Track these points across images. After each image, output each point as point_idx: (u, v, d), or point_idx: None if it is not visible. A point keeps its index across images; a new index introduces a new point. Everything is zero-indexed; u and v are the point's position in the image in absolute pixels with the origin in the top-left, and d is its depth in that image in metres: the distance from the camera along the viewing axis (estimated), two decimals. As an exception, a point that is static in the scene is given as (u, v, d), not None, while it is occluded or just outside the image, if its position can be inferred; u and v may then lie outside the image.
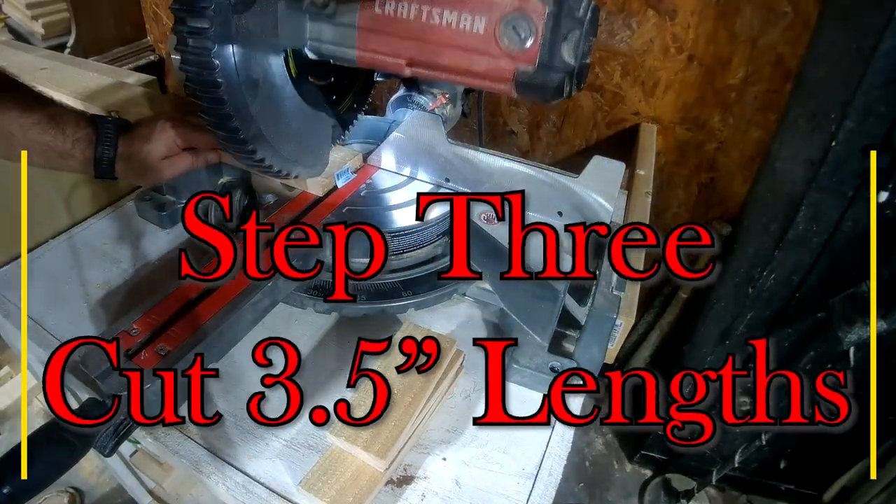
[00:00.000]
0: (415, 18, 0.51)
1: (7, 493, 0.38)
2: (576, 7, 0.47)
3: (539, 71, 0.49)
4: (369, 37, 0.53)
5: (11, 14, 1.58)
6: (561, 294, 0.59)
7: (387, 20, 0.52)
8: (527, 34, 0.48)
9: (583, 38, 0.48)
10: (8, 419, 1.46)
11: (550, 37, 0.48)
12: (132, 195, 0.85)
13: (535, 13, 0.47)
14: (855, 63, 0.79)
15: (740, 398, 1.20)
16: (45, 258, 0.74)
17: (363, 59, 0.55)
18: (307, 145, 0.61)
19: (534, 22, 0.47)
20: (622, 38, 1.12)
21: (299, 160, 0.60)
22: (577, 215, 0.68)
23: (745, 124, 1.12)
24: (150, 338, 0.49)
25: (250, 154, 0.55)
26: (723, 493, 1.47)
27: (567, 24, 0.47)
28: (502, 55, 0.50)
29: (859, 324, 0.81)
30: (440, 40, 0.51)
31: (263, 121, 0.54)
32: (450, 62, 0.51)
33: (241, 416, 0.56)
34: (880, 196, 0.82)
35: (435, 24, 0.50)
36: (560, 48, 0.48)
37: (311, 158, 0.62)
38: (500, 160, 0.70)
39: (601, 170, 0.66)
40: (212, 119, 0.51)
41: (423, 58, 0.52)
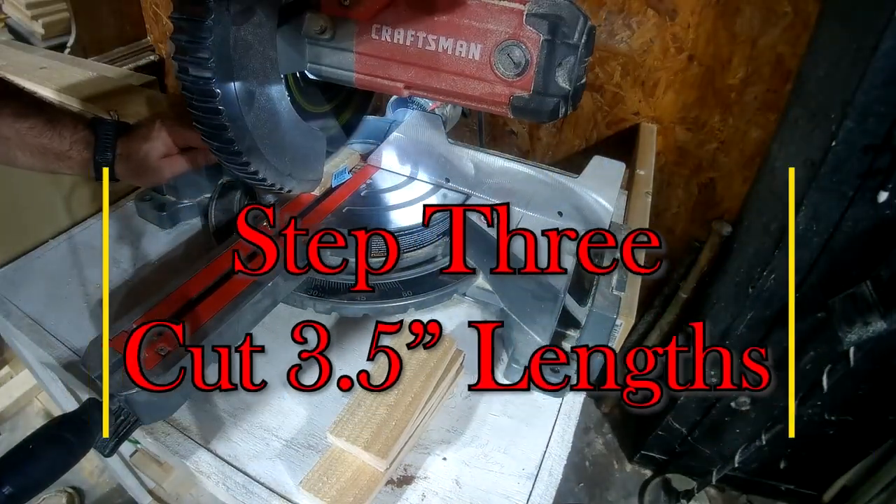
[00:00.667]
0: (411, 44, 0.51)
1: (7, 494, 0.38)
2: (570, 34, 0.47)
3: (534, 96, 0.50)
4: (367, 61, 0.54)
5: (11, 14, 1.58)
6: (561, 294, 0.59)
7: (384, 46, 0.52)
8: (521, 61, 0.49)
9: (577, 63, 0.48)
10: (8, 419, 1.46)
11: (545, 64, 0.48)
12: (132, 195, 0.85)
13: (529, 41, 0.48)
14: (855, 63, 0.79)
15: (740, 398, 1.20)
16: (45, 258, 0.74)
17: (362, 81, 0.56)
18: (301, 159, 0.61)
19: (528, 50, 0.48)
20: (622, 38, 1.12)
21: (293, 174, 0.60)
22: (577, 215, 0.69)
23: (745, 124, 1.12)
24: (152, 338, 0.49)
25: (244, 166, 0.55)
26: (723, 493, 1.47)
27: (562, 52, 0.48)
28: (498, 81, 0.50)
29: (859, 324, 0.81)
30: (437, 66, 0.52)
31: (258, 133, 0.54)
32: (447, 86, 0.52)
33: (241, 416, 0.56)
34: (880, 196, 0.82)
35: (431, 50, 0.51)
36: (555, 74, 0.49)
37: (304, 172, 0.62)
38: (500, 160, 0.70)
39: (601, 170, 0.67)
40: (206, 129, 0.51)
41: (420, 82, 0.53)
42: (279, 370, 0.60)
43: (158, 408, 0.48)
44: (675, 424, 1.35)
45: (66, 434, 0.42)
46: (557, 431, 0.58)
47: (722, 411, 1.25)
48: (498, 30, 0.48)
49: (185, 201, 0.79)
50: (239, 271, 0.53)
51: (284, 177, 0.59)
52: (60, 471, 0.42)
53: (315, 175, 0.64)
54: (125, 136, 0.64)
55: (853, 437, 1.21)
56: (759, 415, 1.23)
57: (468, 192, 0.74)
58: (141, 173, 0.65)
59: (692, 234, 1.32)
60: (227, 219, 0.74)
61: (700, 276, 1.29)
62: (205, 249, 0.75)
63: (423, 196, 0.74)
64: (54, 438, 0.42)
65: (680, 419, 1.33)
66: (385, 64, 0.53)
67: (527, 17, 0.47)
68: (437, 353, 0.56)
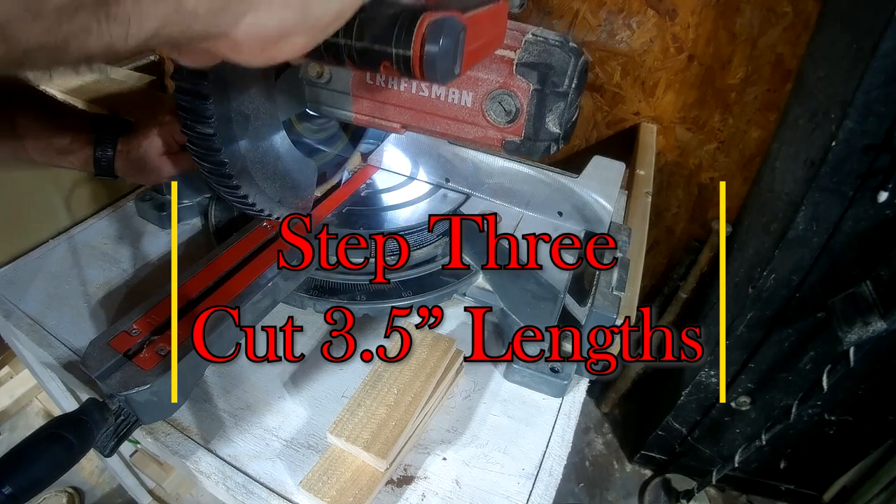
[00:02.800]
0: (405, 90, 0.52)
1: (7, 494, 0.38)
2: (559, 83, 0.47)
3: (525, 141, 0.51)
4: (364, 103, 0.55)
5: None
6: (561, 294, 0.60)
7: (379, 90, 0.53)
8: (512, 110, 0.49)
9: (567, 107, 0.49)
10: (8, 419, 1.46)
11: (535, 112, 0.49)
12: (132, 195, 0.85)
13: (519, 90, 0.48)
14: (855, 63, 0.79)
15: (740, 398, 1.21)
16: (45, 258, 0.74)
17: (360, 120, 0.56)
18: (292, 187, 0.62)
19: (518, 98, 0.49)
20: (622, 38, 1.12)
21: (283, 201, 0.61)
22: (577, 215, 0.69)
23: (745, 124, 1.12)
24: (150, 338, 0.50)
25: (234, 189, 0.55)
26: (723, 493, 1.47)
27: (552, 100, 0.48)
28: (490, 127, 0.51)
29: (859, 324, 0.81)
30: (431, 110, 0.52)
31: (251, 157, 0.55)
32: (441, 129, 0.53)
33: (240, 416, 0.56)
34: (880, 196, 0.82)
35: (425, 96, 0.52)
36: (545, 121, 0.49)
37: (294, 200, 0.63)
38: (500, 160, 0.70)
39: (601, 170, 0.67)
40: (199, 150, 0.51)
41: (416, 124, 0.54)
42: (277, 372, 0.61)
43: (158, 408, 0.48)
44: (675, 424, 1.35)
45: (66, 434, 0.42)
46: (557, 431, 0.58)
47: (722, 411, 1.25)
48: (489, 78, 0.49)
49: (185, 201, 0.79)
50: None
51: (273, 203, 0.60)
52: (60, 471, 0.42)
53: (304, 203, 0.66)
54: (126, 133, 0.64)
55: (853, 437, 1.21)
56: (759, 415, 1.23)
57: (468, 193, 0.74)
58: (140, 170, 0.66)
59: (692, 234, 1.32)
60: (227, 219, 0.74)
61: (700, 276, 1.29)
62: (205, 249, 0.75)
63: (423, 196, 0.75)
64: (54, 438, 0.42)
65: (680, 419, 1.34)
66: (381, 107, 0.54)
67: (516, 67, 0.47)
68: (437, 353, 0.56)
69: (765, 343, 1.09)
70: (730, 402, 1.21)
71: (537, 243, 0.64)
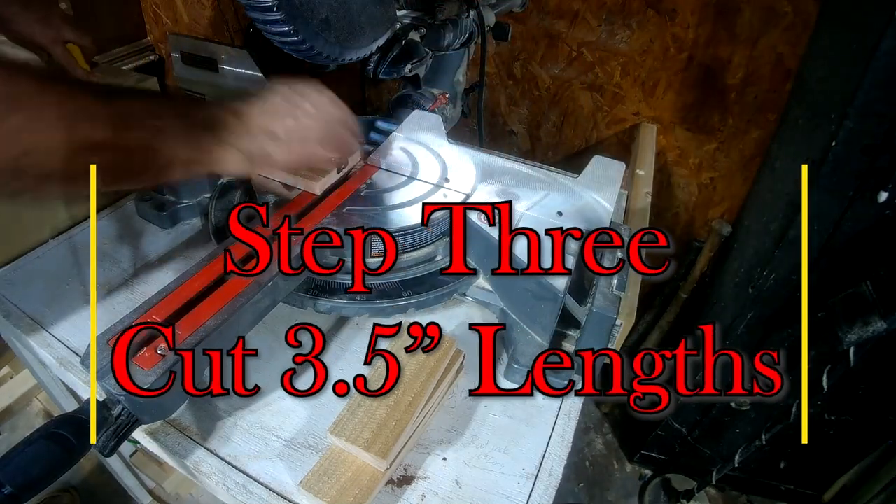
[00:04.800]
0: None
1: (7, 493, 0.38)
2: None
3: None
4: None
5: (11, 14, 1.58)
6: (561, 294, 0.59)
7: None
8: None
9: None
10: (8, 419, 1.46)
11: None
12: (132, 195, 0.85)
13: None
14: (855, 63, 0.79)
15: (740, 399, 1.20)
16: (45, 258, 0.74)
17: None
18: (350, 23, 0.52)
19: None
20: (622, 38, 1.12)
21: (332, 33, 0.50)
22: (578, 215, 0.69)
23: (745, 124, 1.12)
24: (150, 338, 0.49)
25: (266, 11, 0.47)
26: (723, 493, 1.47)
27: None
28: None
29: (859, 324, 0.81)
30: None
31: None
32: None
33: (241, 416, 0.56)
34: (880, 196, 0.82)
35: None
36: None
37: (349, 37, 0.52)
38: (500, 160, 0.70)
39: (601, 170, 0.67)
40: None
41: None
42: (278, 371, 0.60)
43: (158, 408, 0.48)
44: (675, 424, 1.35)
45: (66, 434, 0.42)
46: (557, 431, 0.58)
47: (722, 411, 1.25)
48: None
49: (185, 201, 0.79)
50: (231, 272, 0.51)
51: (318, 36, 0.49)
52: (60, 471, 0.42)
53: (362, 47, 0.53)
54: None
55: (853, 437, 1.21)
56: (759, 415, 1.23)
57: (468, 192, 0.74)
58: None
59: (692, 234, 1.32)
60: (227, 219, 0.74)
61: (700, 276, 1.29)
62: (205, 249, 0.75)
63: (423, 196, 0.74)
64: (54, 438, 0.42)
65: (680, 419, 1.33)
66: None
67: None
68: (438, 354, 0.56)
69: (765, 343, 1.09)
70: (729, 401, 1.21)
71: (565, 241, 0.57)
